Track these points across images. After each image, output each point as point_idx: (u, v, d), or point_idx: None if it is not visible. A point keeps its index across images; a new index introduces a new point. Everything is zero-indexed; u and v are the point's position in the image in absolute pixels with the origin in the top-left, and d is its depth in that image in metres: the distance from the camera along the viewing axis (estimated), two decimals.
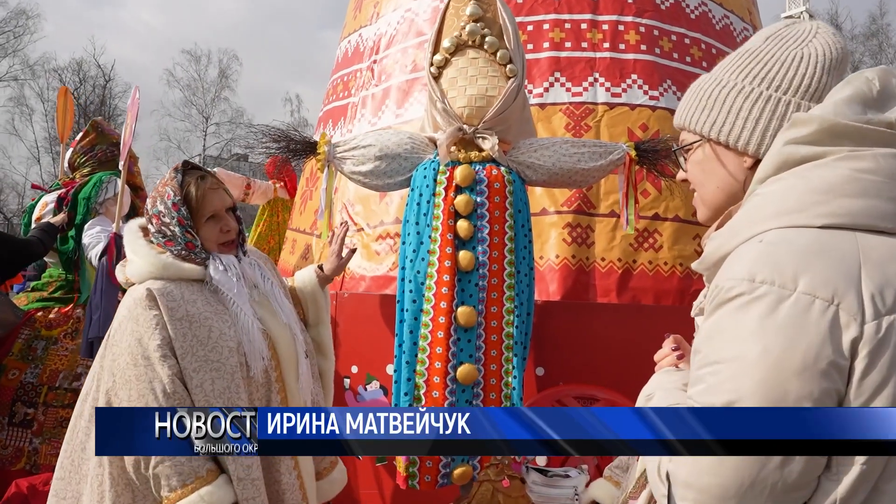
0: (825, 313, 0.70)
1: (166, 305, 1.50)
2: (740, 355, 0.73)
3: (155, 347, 1.46)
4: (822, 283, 0.71)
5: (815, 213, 0.77)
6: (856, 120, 0.79)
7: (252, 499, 1.51)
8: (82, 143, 3.21)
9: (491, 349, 2.05)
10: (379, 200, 3.39)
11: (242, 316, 1.60)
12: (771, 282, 0.73)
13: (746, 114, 0.90)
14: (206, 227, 1.63)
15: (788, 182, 0.81)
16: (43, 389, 2.84)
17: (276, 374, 1.67)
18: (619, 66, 3.28)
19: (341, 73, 4.18)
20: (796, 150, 0.82)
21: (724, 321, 0.76)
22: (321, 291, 2.00)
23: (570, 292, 2.99)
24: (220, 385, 1.51)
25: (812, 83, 0.89)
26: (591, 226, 3.09)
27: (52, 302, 3.03)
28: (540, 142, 2.24)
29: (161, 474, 1.42)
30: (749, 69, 0.92)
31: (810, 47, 0.91)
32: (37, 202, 3.17)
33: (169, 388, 1.45)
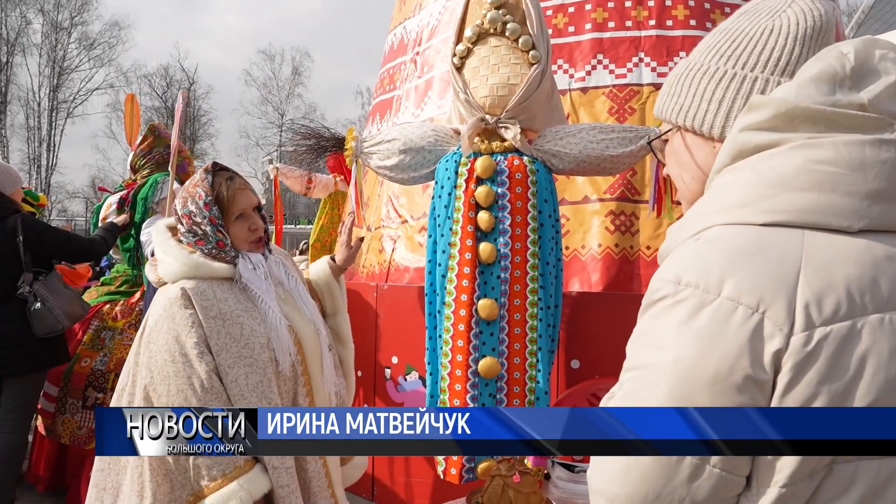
0: (747, 322, 0.64)
1: (201, 304, 1.57)
2: (655, 362, 0.68)
3: (192, 345, 1.53)
4: (749, 289, 0.64)
5: (758, 209, 0.70)
6: (820, 102, 0.70)
7: (286, 486, 1.58)
8: (141, 147, 3.43)
9: (514, 342, 2.02)
10: (422, 192, 3.41)
11: (271, 313, 1.67)
12: (696, 285, 0.67)
13: (710, 95, 0.84)
14: (235, 225, 1.70)
15: (740, 174, 0.74)
16: (110, 376, 3.07)
17: (302, 368, 1.73)
18: (666, 44, 3.12)
19: (388, 67, 4.22)
20: (751, 136, 0.74)
21: (647, 324, 0.72)
22: (335, 282, 2.06)
23: (612, 282, 2.89)
24: (254, 379, 1.58)
25: (783, 56, 0.81)
26: (636, 213, 2.97)
27: (118, 295, 3.27)
28: (566, 129, 2.16)
29: (202, 465, 1.51)
30: (718, 48, 0.86)
31: (782, 17, 0.83)
32: (103, 203, 3.43)
33: (206, 383, 1.52)
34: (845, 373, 0.62)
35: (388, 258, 3.52)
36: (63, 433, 3.09)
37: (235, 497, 1.50)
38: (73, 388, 3.11)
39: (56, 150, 26.55)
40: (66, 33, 26.44)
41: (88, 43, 26.86)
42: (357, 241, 2.10)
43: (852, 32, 14.46)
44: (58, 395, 3.13)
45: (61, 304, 2.67)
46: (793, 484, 0.63)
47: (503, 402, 2.02)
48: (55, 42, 26.16)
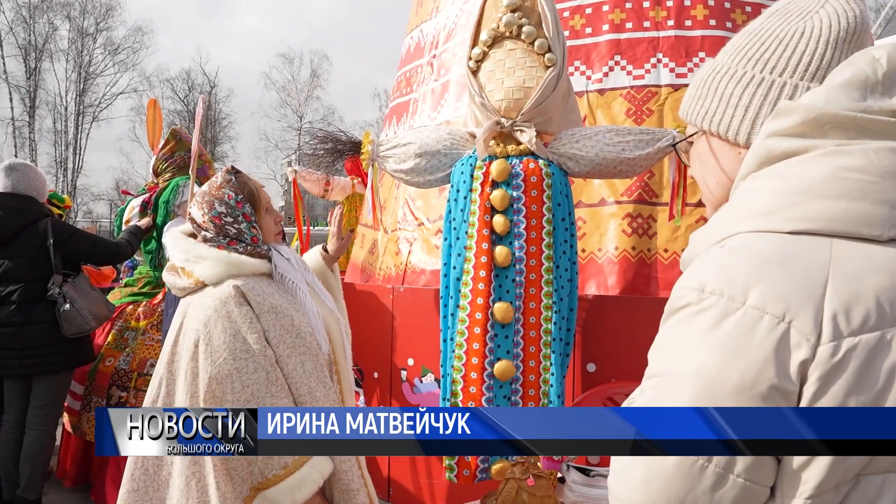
0: (773, 331, 0.63)
1: (255, 300, 1.62)
2: (678, 370, 0.67)
3: (254, 340, 1.57)
4: (775, 297, 0.63)
5: (785, 217, 0.68)
6: (851, 108, 0.68)
7: (347, 461, 1.64)
8: (163, 151, 3.49)
9: (529, 345, 2.02)
10: (439, 195, 3.42)
11: (308, 302, 1.73)
12: (720, 293, 0.66)
13: (736, 100, 0.81)
14: (265, 219, 1.77)
15: (766, 180, 0.72)
16: (133, 375, 3.14)
17: (333, 356, 1.80)
18: (685, 45, 3.09)
19: (404, 70, 4.24)
20: (779, 143, 0.72)
21: (670, 332, 0.71)
22: (329, 271, 2.13)
23: (629, 285, 2.87)
24: (310, 366, 1.64)
25: (813, 60, 0.77)
26: (654, 216, 2.95)
27: (141, 296, 3.34)
28: (582, 132, 2.16)
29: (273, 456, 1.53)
30: (746, 51, 0.83)
31: (815, 19, 0.79)
32: (126, 206, 3.50)
33: (272, 375, 1.57)
34: (874, 384, 0.61)
35: (404, 260, 3.54)
36: (88, 430, 3.17)
37: (309, 480, 1.54)
38: (98, 387, 3.18)
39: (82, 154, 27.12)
40: (92, 39, 27.00)
41: (113, 48, 27.40)
42: (348, 233, 2.18)
43: (880, 29, 14.15)
44: (83, 394, 3.20)
45: (89, 306, 2.74)
46: (818, 496, 0.62)
47: (518, 404, 2.02)
48: (81, 48, 26.72)
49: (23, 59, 25.47)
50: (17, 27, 25.26)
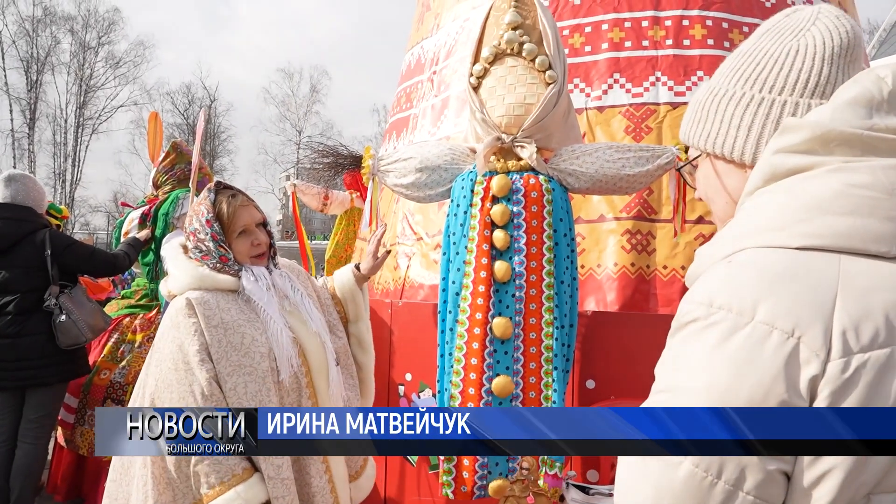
0: (782, 346, 0.62)
1: (203, 313, 1.61)
2: (686, 386, 0.67)
3: (194, 352, 1.57)
4: (784, 313, 0.63)
5: (793, 233, 0.68)
6: (857, 126, 0.69)
7: (282, 497, 1.59)
8: (164, 163, 3.50)
9: (530, 362, 2.01)
10: (437, 210, 3.43)
11: (272, 324, 1.69)
12: (728, 308, 0.66)
13: (738, 121, 0.82)
14: (237, 241, 1.74)
15: (773, 196, 0.73)
16: (129, 388, 3.11)
17: (307, 379, 1.75)
18: (684, 64, 3.12)
19: (405, 85, 4.27)
20: (785, 159, 0.73)
21: (678, 347, 0.70)
22: (359, 290, 2.08)
23: (629, 302, 2.87)
24: (253, 388, 1.60)
25: (811, 77, 0.78)
26: (653, 232, 2.95)
27: (137, 309, 3.32)
28: (582, 148, 2.17)
29: (201, 472, 1.52)
30: (742, 72, 0.83)
31: (808, 37, 0.80)
32: (125, 218, 3.49)
33: (206, 390, 1.55)
34: (885, 400, 0.61)
35: (402, 275, 3.53)
36: (82, 444, 3.13)
37: None
38: (92, 400, 3.15)
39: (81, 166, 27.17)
40: (94, 52, 27.19)
41: (114, 62, 27.58)
42: (384, 253, 2.11)
43: (874, 51, 14.33)
44: (77, 407, 3.17)
45: (85, 317, 2.72)
46: None
47: None
48: (83, 61, 26.89)
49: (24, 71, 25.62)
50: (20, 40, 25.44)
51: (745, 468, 0.63)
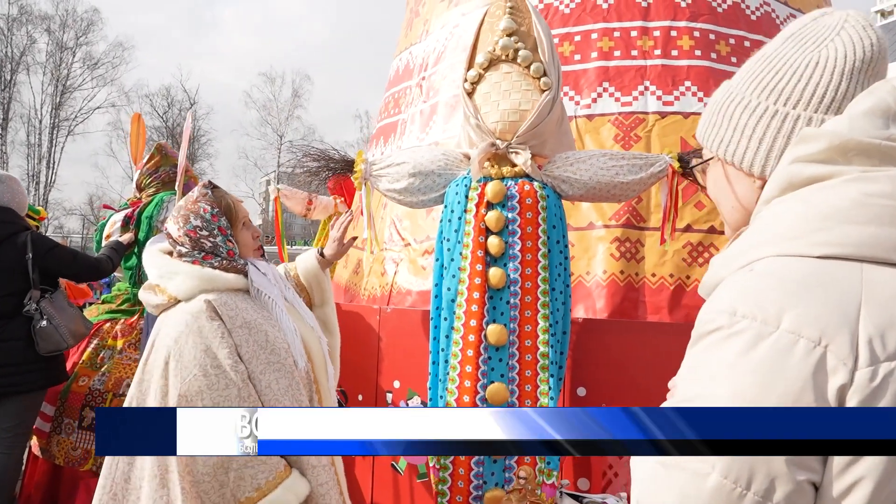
0: (809, 355, 0.62)
1: (227, 315, 1.58)
2: (710, 395, 0.65)
3: (225, 355, 1.53)
4: (810, 321, 0.63)
5: (814, 241, 0.68)
6: (874, 136, 0.69)
7: (326, 483, 1.59)
8: (148, 166, 3.43)
9: (525, 369, 2.00)
10: (426, 216, 3.41)
11: (284, 318, 1.69)
12: (752, 316, 0.65)
13: (751, 132, 0.82)
14: (242, 233, 1.74)
15: (791, 205, 0.72)
16: (108, 396, 3.02)
17: (313, 375, 1.76)
18: (672, 74, 3.16)
19: (393, 91, 4.26)
20: (802, 169, 0.73)
21: (700, 357, 0.69)
22: (323, 274, 2.12)
23: (618, 309, 2.88)
24: (284, 383, 1.60)
25: (827, 92, 0.77)
26: (641, 240, 2.97)
27: (119, 314, 3.24)
28: (576, 155, 2.17)
29: (246, 475, 1.49)
30: (760, 79, 0.83)
31: (830, 48, 0.79)
32: (107, 221, 3.41)
33: (244, 392, 1.52)
34: None
35: (390, 281, 3.51)
36: (58, 454, 3.03)
37: (283, 502, 1.50)
38: (70, 408, 3.06)
39: (55, 167, 26.59)
40: (71, 53, 26.71)
41: (92, 63, 27.11)
42: (350, 240, 2.15)
43: None
44: (54, 415, 3.07)
45: (66, 323, 2.64)
46: None
47: None
48: (59, 61, 26.40)
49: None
50: None
51: (774, 479, 0.62)
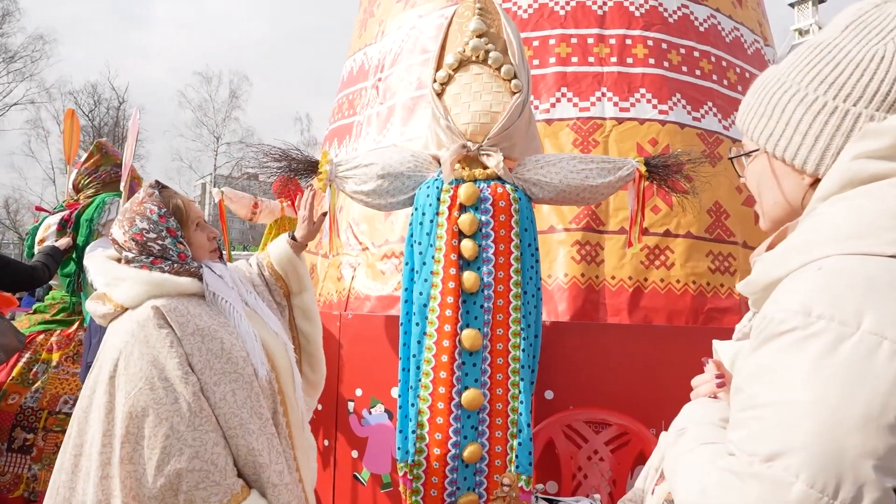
0: (894, 357, 0.60)
1: (177, 321, 1.45)
2: (790, 401, 0.63)
3: (174, 366, 1.40)
4: (893, 322, 0.61)
5: (885, 240, 0.66)
6: None
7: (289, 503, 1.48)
8: (87, 165, 3.20)
9: (497, 373, 1.97)
10: (384, 219, 3.34)
11: (243, 324, 1.58)
12: (830, 317, 0.63)
13: (806, 128, 0.78)
14: (195, 235, 1.63)
15: (855, 202, 0.71)
16: (43, 414, 2.79)
17: (277, 385, 1.65)
18: (628, 81, 3.23)
19: (347, 92, 4.17)
20: (866, 165, 0.71)
21: (773, 359, 0.67)
22: (298, 259, 1.99)
23: (579, 312, 2.90)
24: (242, 395, 1.48)
25: (892, 90, 0.74)
26: (601, 243, 3.01)
27: (54, 325, 2.99)
28: (546, 158, 2.18)
29: (197, 498, 1.36)
30: (817, 70, 0.78)
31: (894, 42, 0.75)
32: (40, 224, 3.15)
33: (195, 405, 1.39)
34: None
35: (347, 286, 3.41)
36: None
37: None
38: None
39: None
40: None
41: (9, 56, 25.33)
42: (320, 217, 2.02)
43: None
44: None
45: None
46: None
47: (485, 434, 1.96)
48: None
49: None
50: None
51: (862, 486, 0.60)
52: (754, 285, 0.77)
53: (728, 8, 3.61)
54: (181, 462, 1.34)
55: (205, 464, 1.36)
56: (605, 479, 2.27)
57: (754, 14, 3.82)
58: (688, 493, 0.72)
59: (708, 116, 3.27)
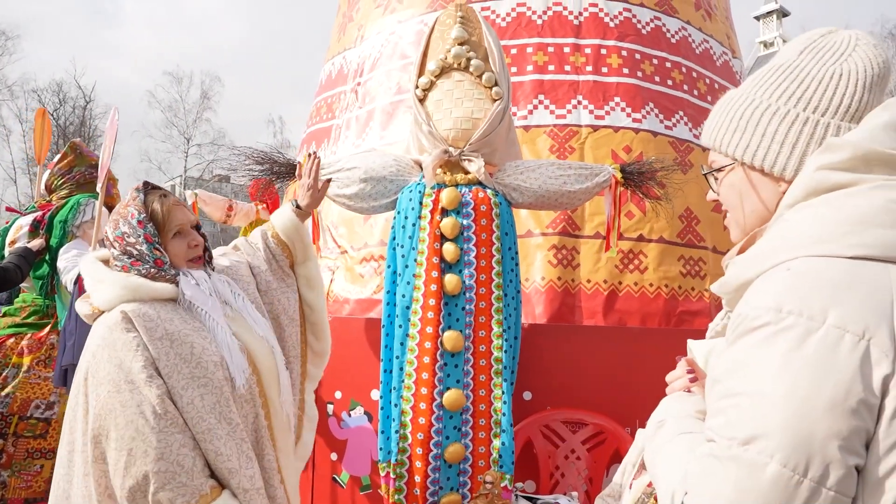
0: (855, 349, 0.68)
1: (144, 326, 1.45)
2: (765, 389, 0.70)
3: (139, 369, 1.41)
4: (853, 317, 0.69)
5: (846, 244, 0.74)
6: (893, 147, 0.77)
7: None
8: (60, 165, 3.14)
9: (479, 374, 2.01)
10: (363, 223, 3.36)
11: (220, 330, 1.57)
12: (799, 313, 0.70)
13: (783, 138, 0.85)
14: (173, 243, 1.60)
15: (818, 209, 0.78)
16: (13, 419, 2.73)
17: (259, 388, 1.64)
18: (602, 89, 3.32)
19: (325, 95, 4.18)
20: (828, 176, 0.78)
21: (748, 352, 0.73)
22: (303, 227, 1.96)
23: (556, 315, 2.97)
24: (210, 400, 1.48)
25: (852, 103, 0.83)
26: (577, 247, 3.08)
27: (24, 328, 2.93)
28: (526, 164, 2.23)
29: (163, 499, 1.37)
30: (784, 87, 0.87)
31: (850, 62, 0.85)
32: (11, 225, 3.09)
33: (159, 408, 1.40)
34: None
35: (326, 290, 3.42)
36: None
37: None
38: None
39: None
40: None
41: None
42: (325, 183, 1.98)
43: None
44: None
45: None
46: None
47: (468, 434, 2.00)
48: None
49: None
50: None
51: (829, 465, 0.67)
52: (728, 286, 0.83)
53: (698, 21, 3.73)
54: (147, 464, 1.36)
55: (171, 465, 1.37)
56: (581, 477, 2.33)
57: (723, 27, 3.96)
58: (670, 479, 0.77)
59: (679, 125, 3.37)
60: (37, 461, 2.78)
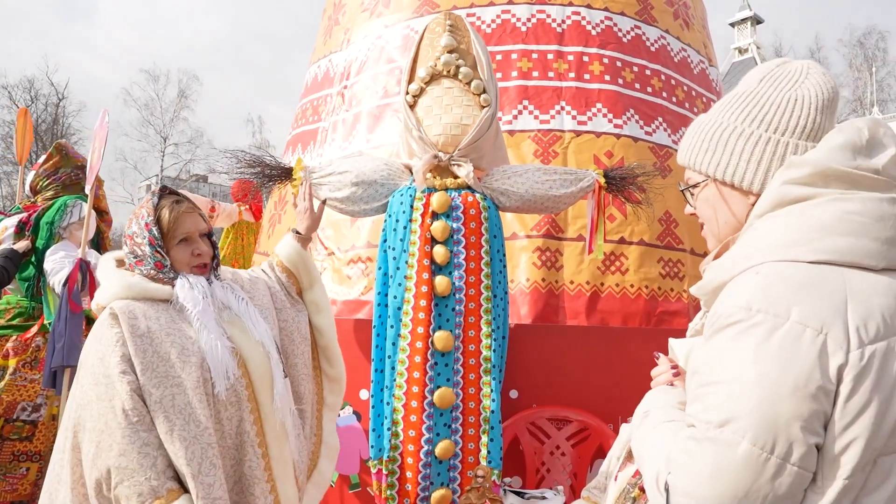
0: (815, 341, 0.77)
1: (127, 322, 1.49)
2: (738, 377, 0.79)
3: (115, 364, 1.45)
4: (813, 315, 0.78)
5: (807, 249, 0.84)
6: (846, 165, 0.87)
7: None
8: (45, 166, 3.12)
9: (469, 373, 2.07)
10: (350, 225, 3.40)
11: (206, 333, 1.58)
12: (766, 311, 0.79)
13: (749, 156, 0.96)
14: (177, 248, 1.64)
15: (784, 219, 0.89)
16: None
17: (248, 392, 1.64)
18: (585, 96, 3.40)
19: (311, 98, 4.20)
20: (791, 189, 0.89)
21: (723, 345, 0.82)
22: (307, 252, 2.00)
23: (540, 315, 3.04)
24: (181, 400, 1.49)
25: (808, 124, 0.95)
26: (560, 250, 3.17)
27: (9, 330, 2.90)
28: (513, 169, 2.30)
29: (121, 495, 1.40)
30: (747, 112, 0.98)
31: (803, 89, 0.97)
32: None
33: (128, 405, 1.43)
34: (890, 381, 0.78)
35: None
36: None
37: None
38: None
39: None
40: None
41: None
42: (320, 206, 2.03)
43: None
44: None
45: None
46: (852, 476, 0.77)
47: (458, 432, 2.05)
48: None
49: None
50: None
51: (792, 443, 0.76)
52: (705, 288, 0.93)
53: (676, 30, 3.84)
54: (110, 458, 1.40)
55: (131, 462, 1.40)
56: (566, 472, 2.40)
57: (700, 36, 4.08)
58: (655, 462, 0.86)
59: (659, 131, 3.47)
60: (23, 464, 2.77)
